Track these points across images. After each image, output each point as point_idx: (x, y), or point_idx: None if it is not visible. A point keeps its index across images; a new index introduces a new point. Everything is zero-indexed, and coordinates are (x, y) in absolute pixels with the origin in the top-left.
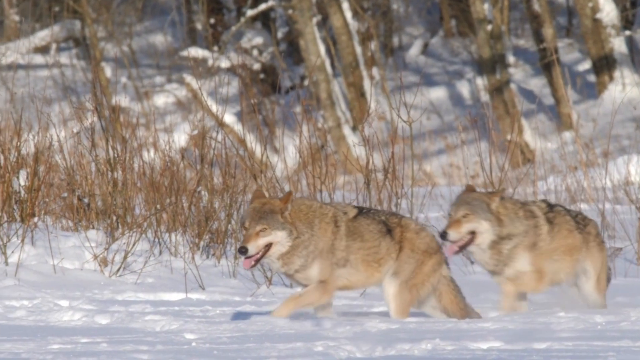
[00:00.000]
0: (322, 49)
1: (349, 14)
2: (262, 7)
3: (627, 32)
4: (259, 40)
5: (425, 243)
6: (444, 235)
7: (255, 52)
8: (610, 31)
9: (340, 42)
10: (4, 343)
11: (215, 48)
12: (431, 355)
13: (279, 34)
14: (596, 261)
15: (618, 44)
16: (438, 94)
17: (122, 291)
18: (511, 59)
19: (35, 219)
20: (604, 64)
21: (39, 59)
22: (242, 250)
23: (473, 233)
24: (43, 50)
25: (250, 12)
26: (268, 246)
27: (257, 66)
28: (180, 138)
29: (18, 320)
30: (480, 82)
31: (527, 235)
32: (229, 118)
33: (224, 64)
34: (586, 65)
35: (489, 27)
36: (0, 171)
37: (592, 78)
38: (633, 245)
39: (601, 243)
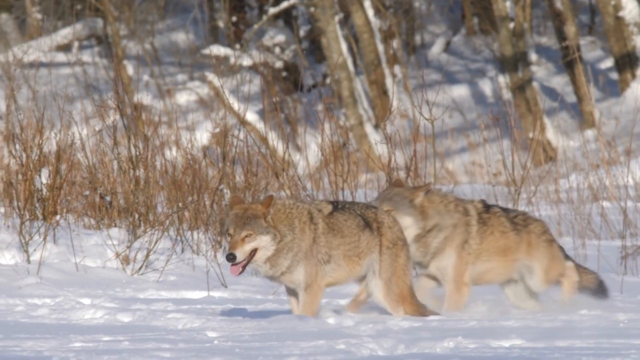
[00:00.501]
0: (344, 47)
1: (370, 12)
2: (284, 5)
3: None
4: (281, 38)
5: (397, 236)
6: None
7: (277, 50)
8: (633, 29)
9: (362, 40)
10: (27, 341)
11: (237, 46)
12: (454, 354)
13: (301, 32)
14: (542, 258)
15: None
16: (460, 91)
17: (144, 289)
18: (533, 56)
19: (58, 217)
20: (627, 62)
21: (61, 57)
22: (231, 257)
23: None
24: (65, 48)
25: (272, 10)
26: (253, 251)
27: (279, 64)
28: (203, 136)
29: (40, 318)
30: (503, 80)
31: (456, 229)
32: (251, 116)
33: (246, 62)
34: (608, 63)
35: (511, 25)
36: (23, 169)
37: (614, 76)
38: None
39: (549, 240)
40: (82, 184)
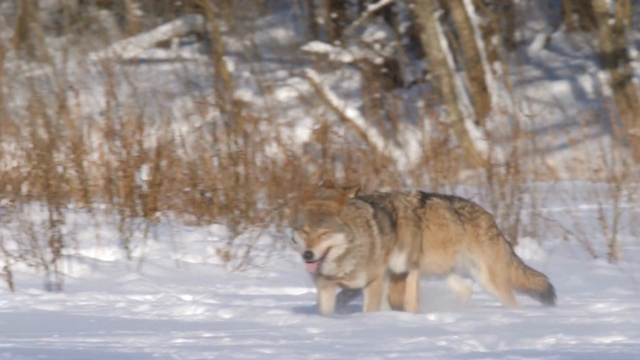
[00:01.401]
0: (443, 43)
1: (470, 8)
2: (384, 1)
3: None
4: (380, 34)
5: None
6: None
7: (377, 47)
8: None
9: (462, 37)
10: (128, 337)
11: (337, 42)
12: (554, 350)
13: (401, 28)
14: (487, 255)
15: None
16: (560, 88)
17: (245, 286)
18: (633, 53)
19: (158, 214)
20: None
21: (160, 53)
22: (308, 255)
23: None
24: (165, 44)
25: (372, 7)
26: (328, 249)
27: (379, 60)
28: (303, 132)
29: (141, 314)
30: (603, 76)
31: None
32: (351, 112)
33: (346, 58)
34: None
35: (611, 22)
36: (123, 166)
37: None
38: None
39: (494, 237)
40: (182, 181)
